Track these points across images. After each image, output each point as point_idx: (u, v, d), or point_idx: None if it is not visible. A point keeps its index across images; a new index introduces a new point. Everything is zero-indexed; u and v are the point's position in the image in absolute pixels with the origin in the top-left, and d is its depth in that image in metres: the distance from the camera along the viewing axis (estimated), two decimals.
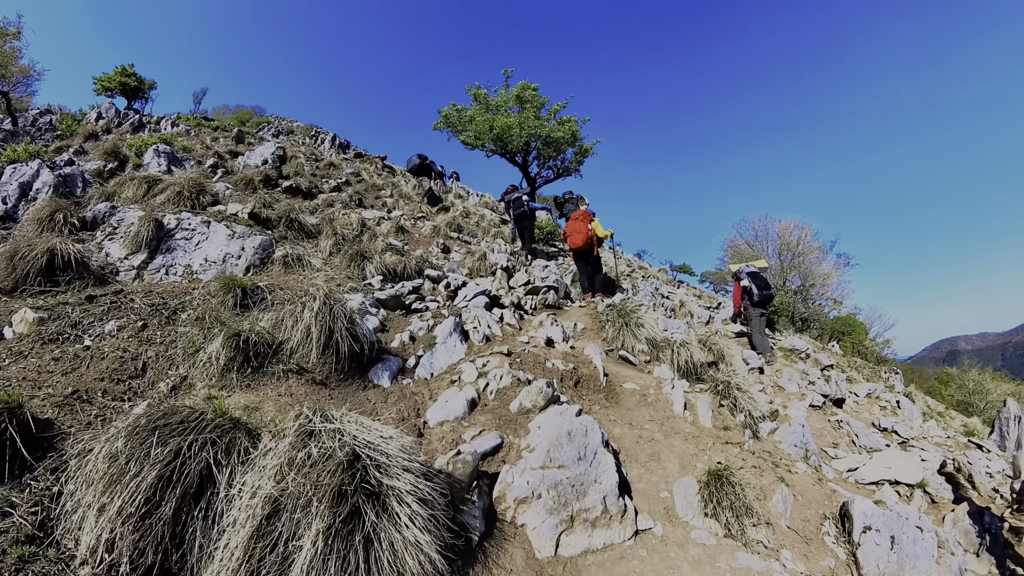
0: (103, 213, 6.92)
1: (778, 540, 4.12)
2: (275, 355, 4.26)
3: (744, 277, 9.86)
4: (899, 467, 5.88)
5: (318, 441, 2.62)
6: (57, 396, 3.37)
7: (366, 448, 2.67)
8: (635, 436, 4.95)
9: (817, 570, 3.95)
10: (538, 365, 5.50)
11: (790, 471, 5.24)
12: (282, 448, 2.60)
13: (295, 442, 2.61)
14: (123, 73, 21.61)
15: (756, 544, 3.94)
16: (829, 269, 23.34)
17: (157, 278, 6.01)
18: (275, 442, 2.68)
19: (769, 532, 4.12)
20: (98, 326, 4.40)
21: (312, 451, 2.56)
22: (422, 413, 4.42)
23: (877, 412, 8.73)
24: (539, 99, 17.73)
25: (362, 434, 2.73)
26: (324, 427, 2.69)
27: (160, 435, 2.51)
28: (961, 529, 5.11)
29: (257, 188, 10.00)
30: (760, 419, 6.07)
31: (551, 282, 9.03)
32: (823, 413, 7.77)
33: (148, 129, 16.56)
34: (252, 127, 24.22)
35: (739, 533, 3.98)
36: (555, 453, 3.88)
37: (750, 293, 9.68)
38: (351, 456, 2.60)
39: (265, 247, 6.85)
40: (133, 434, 2.51)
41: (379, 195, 13.78)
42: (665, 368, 6.65)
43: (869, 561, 4.11)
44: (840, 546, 4.30)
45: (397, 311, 6.31)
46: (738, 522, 4.03)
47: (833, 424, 7.44)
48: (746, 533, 3.99)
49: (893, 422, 8.12)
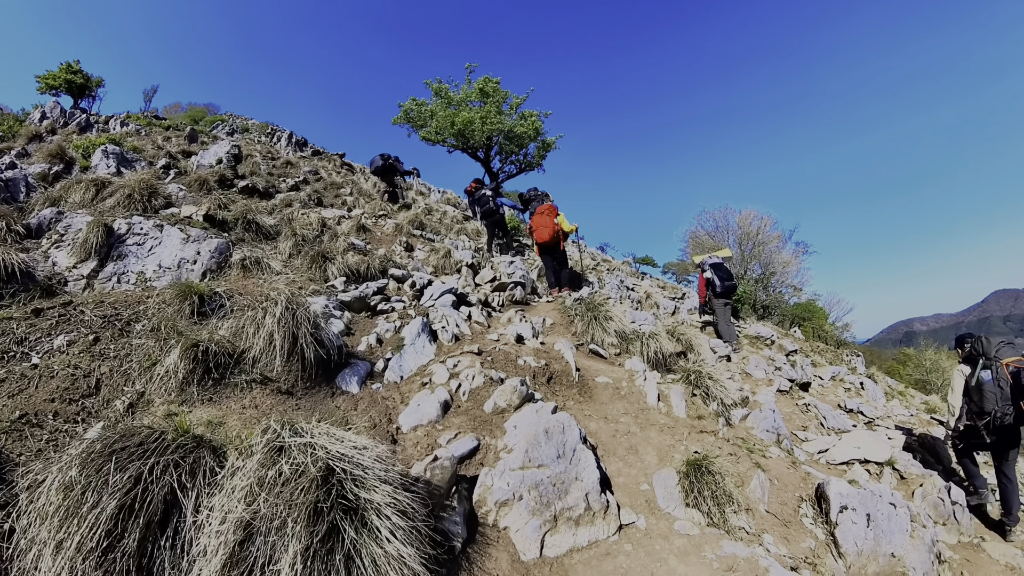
0: (48, 219, 6.59)
1: (759, 525, 4.15)
2: (237, 365, 4.07)
3: (708, 269, 10.04)
4: (868, 446, 6.08)
5: (289, 457, 2.49)
6: (3, 422, 3.17)
7: (340, 461, 2.56)
8: (611, 430, 4.93)
9: (799, 552, 4.00)
10: (510, 363, 5.44)
11: (764, 456, 5.30)
12: (251, 467, 2.47)
13: (264, 459, 2.48)
14: (68, 70, 20.76)
15: (738, 531, 3.97)
16: (788, 257, 23.75)
17: (108, 287, 5.75)
18: (243, 460, 2.55)
19: (750, 518, 4.16)
20: (46, 342, 4.16)
21: (283, 468, 2.43)
22: (394, 418, 4.32)
23: (842, 394, 8.97)
24: (501, 93, 17.62)
25: (335, 446, 2.62)
26: (294, 442, 2.56)
27: (118, 460, 2.36)
28: (930, 502, 5.33)
29: (212, 189, 9.68)
30: (732, 406, 6.17)
31: (518, 278, 8.98)
32: (791, 397, 7.92)
33: (96, 129, 15.95)
34: (205, 126, 23.55)
35: (721, 521, 4.00)
36: (534, 452, 3.83)
37: (713, 285, 9.85)
38: (325, 471, 2.49)
39: (222, 250, 6.61)
40: (88, 461, 2.34)
41: (338, 193, 13.53)
42: (636, 360, 6.67)
43: (847, 539, 4.21)
44: (818, 527, 4.38)
45: (362, 313, 6.16)
46: (719, 510, 4.05)
47: (801, 408, 7.60)
48: (728, 521, 4.01)
49: (858, 403, 8.37)
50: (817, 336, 18.74)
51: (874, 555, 4.20)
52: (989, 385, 5.52)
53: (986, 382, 5.55)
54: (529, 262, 11.86)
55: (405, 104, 18.57)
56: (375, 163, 15.76)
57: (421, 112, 18.27)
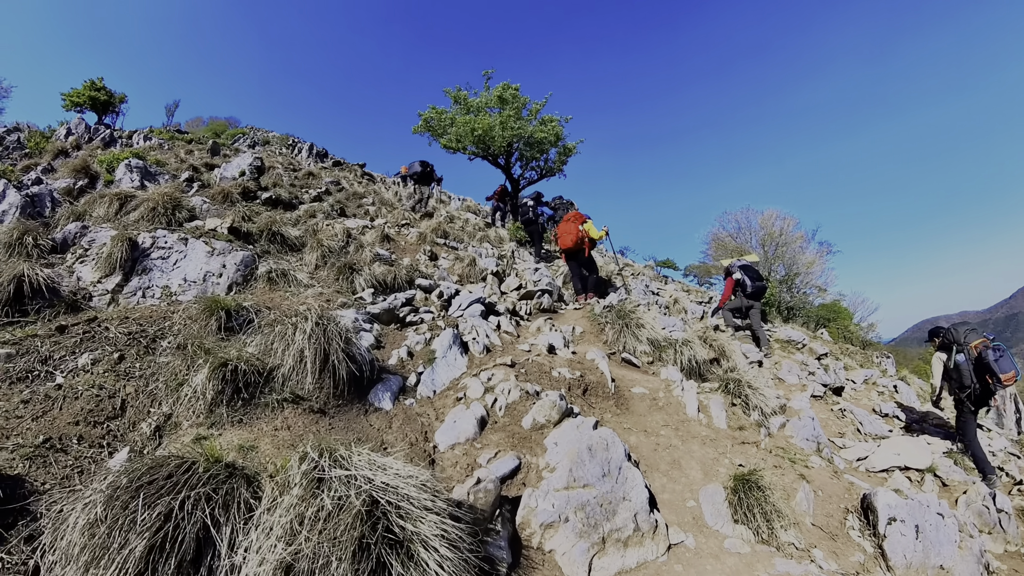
0: (73, 234, 6.53)
1: (807, 540, 4.03)
2: (267, 384, 3.88)
3: (736, 270, 9.96)
4: (908, 453, 5.90)
5: (330, 490, 2.30)
6: (27, 446, 3.01)
7: (384, 492, 2.37)
8: (652, 444, 4.77)
9: (849, 566, 3.90)
10: (544, 375, 5.26)
11: (807, 466, 5.17)
12: (290, 502, 2.27)
13: (304, 494, 2.29)
14: (92, 87, 21.09)
15: (788, 547, 3.85)
16: (812, 257, 23.30)
17: (133, 302, 5.63)
18: (280, 492, 2.36)
19: (798, 532, 4.01)
20: (71, 360, 4.03)
21: (325, 502, 2.24)
22: (430, 436, 4.12)
23: (876, 398, 8.70)
24: (520, 99, 17.44)
25: (378, 476, 2.43)
26: (335, 474, 2.37)
27: (146, 496, 2.17)
28: (975, 510, 5.16)
29: (236, 201, 9.61)
30: (770, 415, 6.00)
31: (544, 285, 8.79)
32: (825, 403, 7.73)
33: (120, 144, 16.08)
34: (227, 139, 23.74)
35: (771, 537, 3.88)
36: (578, 471, 3.66)
37: (743, 285, 9.71)
38: (369, 503, 2.30)
39: (247, 263, 6.48)
40: (113, 498, 2.16)
41: (361, 203, 13.44)
42: (672, 369, 6.46)
43: (896, 552, 4.10)
44: (866, 539, 4.25)
45: (391, 325, 5.98)
46: (768, 526, 3.92)
47: (836, 413, 7.41)
48: (778, 537, 3.88)
49: (893, 407, 8.14)
50: (843, 337, 18.30)
51: (923, 568, 4.09)
52: (964, 365, 6.45)
53: (961, 363, 6.48)
54: (554, 269, 11.69)
55: (425, 113, 18.44)
56: (414, 168, 15.85)
57: (441, 120, 18.11)
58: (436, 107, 18.36)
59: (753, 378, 6.30)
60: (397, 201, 15.12)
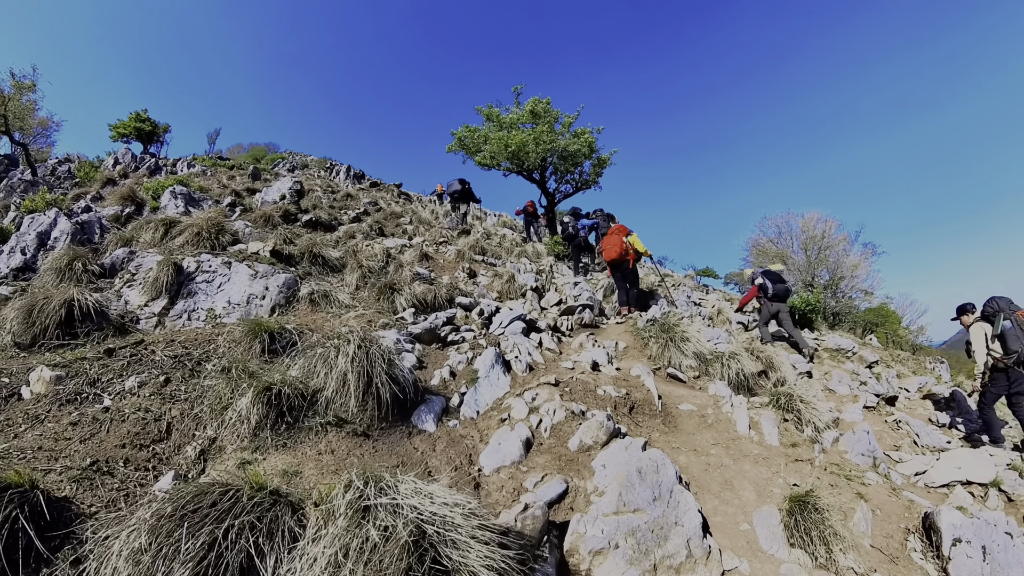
0: (121, 259, 6.68)
1: (867, 563, 3.78)
2: (310, 407, 3.83)
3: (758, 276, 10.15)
4: (969, 466, 5.53)
5: (375, 519, 2.21)
6: (75, 469, 3.01)
7: (431, 523, 2.27)
8: (702, 463, 4.57)
9: None
10: (589, 393, 5.11)
11: (863, 484, 4.91)
12: (335, 532, 2.19)
13: (349, 524, 2.20)
14: (137, 119, 21.95)
15: (847, 572, 3.61)
16: (857, 260, 22.55)
17: (179, 324, 5.71)
18: (325, 521, 2.27)
19: (856, 556, 3.75)
20: (118, 383, 4.07)
21: (371, 533, 2.15)
22: (475, 459, 4.01)
23: (931, 407, 8.24)
24: (552, 113, 17.44)
25: (425, 504, 2.32)
26: (381, 502, 2.27)
27: (190, 525, 2.11)
28: None
29: (277, 224, 9.77)
30: (824, 429, 5.77)
31: (585, 300, 8.65)
32: (878, 414, 7.40)
33: (164, 171, 16.58)
34: (267, 163, 24.32)
35: (829, 562, 3.64)
36: (628, 495, 3.49)
37: (765, 289, 9.83)
38: (416, 534, 2.20)
39: (289, 285, 6.52)
40: (158, 527, 2.11)
41: (398, 223, 13.55)
42: (721, 385, 6.24)
43: None
44: (929, 561, 3.97)
45: (433, 344, 5.92)
46: (826, 550, 3.68)
47: (891, 425, 7.07)
48: (836, 561, 3.64)
49: (951, 416, 7.74)
50: (892, 342, 17.59)
51: None
52: (1011, 331, 6.53)
53: (1008, 329, 6.55)
54: (593, 282, 11.55)
55: (458, 131, 18.58)
56: (453, 187, 16.02)
57: (474, 138, 18.23)
58: (469, 125, 18.50)
59: (804, 391, 6.08)
60: (434, 220, 15.20)
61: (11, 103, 16.34)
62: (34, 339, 4.76)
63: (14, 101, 16.50)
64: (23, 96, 16.96)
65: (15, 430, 3.39)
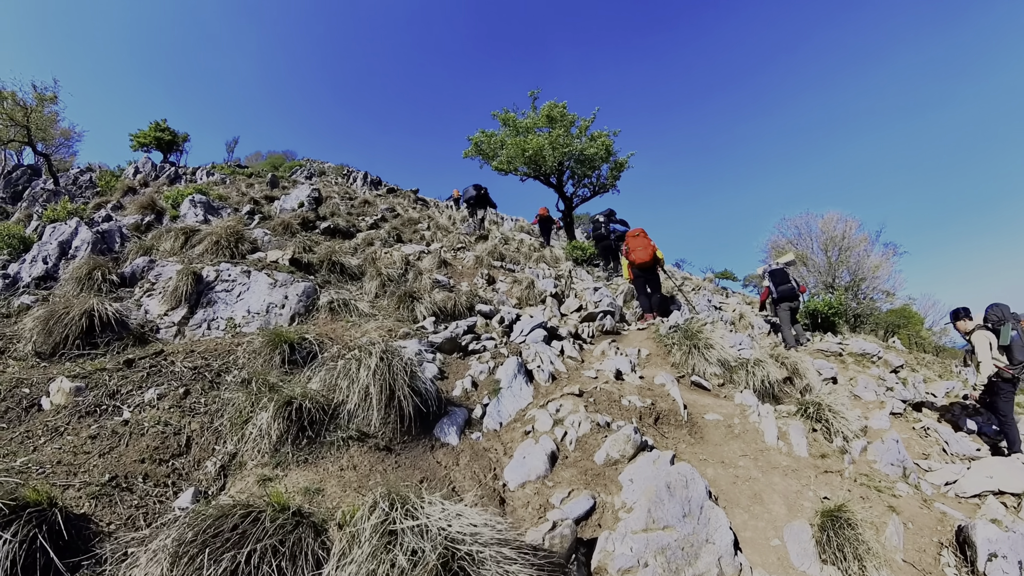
0: (141, 268, 6.68)
1: None
2: (332, 421, 3.73)
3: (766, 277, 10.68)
4: (1001, 475, 5.40)
5: (402, 544, 2.11)
6: (94, 484, 2.95)
7: (459, 544, 2.17)
8: (731, 476, 4.44)
9: None
10: (613, 404, 5.00)
11: (894, 495, 4.77)
12: (360, 557, 2.09)
13: (375, 550, 2.10)
14: (157, 128, 22.25)
15: None
16: (878, 260, 22.11)
17: (199, 334, 5.67)
18: (349, 544, 2.18)
19: (889, 572, 3.66)
20: (137, 395, 4.02)
21: (398, 558, 2.06)
22: (499, 474, 3.90)
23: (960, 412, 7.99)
24: (568, 116, 17.35)
25: (453, 525, 2.23)
26: (407, 525, 2.18)
27: (211, 551, 2.03)
28: None
29: (296, 232, 9.77)
30: (852, 438, 5.63)
31: (606, 306, 8.52)
32: (906, 420, 7.22)
33: (184, 180, 16.71)
34: (285, 171, 24.48)
35: None
36: (657, 512, 3.40)
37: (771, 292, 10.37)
38: (444, 556, 2.10)
39: (309, 294, 6.48)
40: (180, 554, 2.03)
41: (416, 229, 13.52)
42: (747, 394, 6.09)
43: None
44: None
45: (454, 354, 5.82)
46: (859, 566, 3.56)
47: (919, 432, 6.87)
48: None
49: (980, 422, 7.49)
50: (915, 344, 17.21)
51: None
52: (1018, 341, 6.59)
53: (1015, 339, 6.60)
54: (613, 287, 11.42)
55: (475, 137, 18.54)
56: (469, 193, 16.03)
57: (491, 143, 18.17)
58: (485, 130, 18.45)
59: (832, 400, 5.93)
60: (452, 225, 15.17)
61: (33, 115, 16.57)
62: (55, 349, 4.73)
63: (36, 113, 16.73)
64: (45, 107, 17.20)
65: (35, 442, 3.34)
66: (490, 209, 18.93)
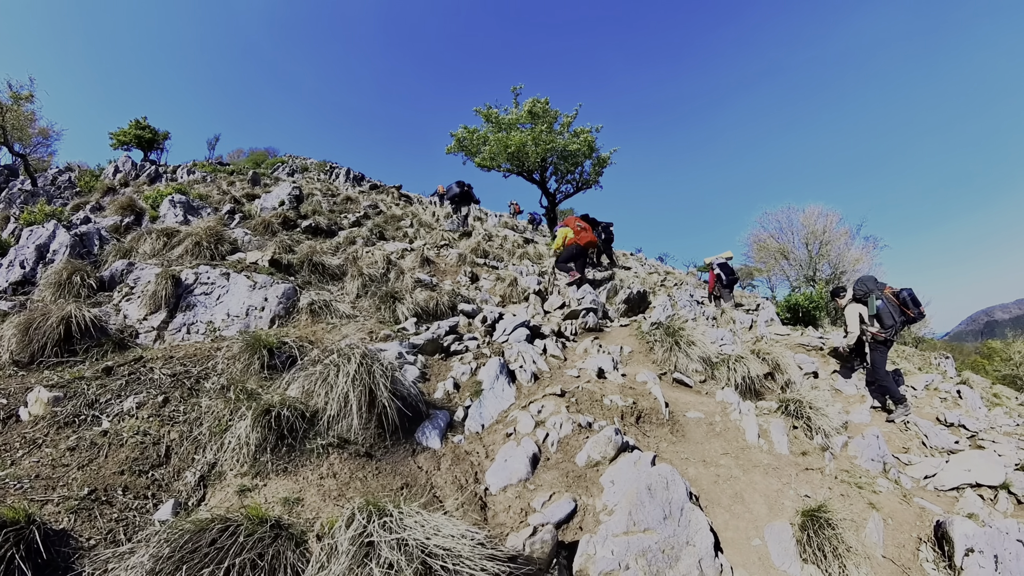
0: (120, 271, 6.61)
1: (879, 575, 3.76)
2: (312, 427, 3.71)
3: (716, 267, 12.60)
4: (979, 468, 5.53)
5: (378, 557, 2.13)
6: (73, 499, 2.94)
7: (437, 558, 2.19)
8: (712, 475, 4.47)
9: None
10: (595, 403, 5.02)
11: (874, 491, 4.84)
12: (337, 570, 2.11)
13: (352, 564, 2.12)
14: (137, 126, 21.97)
15: None
16: (858, 254, 22.53)
17: (178, 338, 5.64)
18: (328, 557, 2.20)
19: (869, 568, 3.72)
20: (116, 404, 4.00)
21: (374, 572, 2.07)
22: (481, 478, 3.92)
23: (939, 405, 8.16)
24: (551, 112, 17.33)
25: (431, 538, 2.25)
26: (384, 538, 2.19)
27: (189, 568, 2.04)
28: None
29: (276, 231, 9.71)
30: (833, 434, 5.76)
31: (588, 304, 8.56)
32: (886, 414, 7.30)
33: (165, 179, 16.53)
34: (267, 168, 24.25)
35: None
36: (638, 514, 3.42)
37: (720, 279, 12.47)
38: (422, 571, 2.12)
39: (289, 295, 6.44)
40: (157, 572, 2.04)
41: (399, 226, 13.46)
42: (729, 391, 6.15)
43: None
44: (941, 572, 3.93)
45: (436, 355, 5.82)
46: (840, 564, 3.63)
47: (899, 425, 6.96)
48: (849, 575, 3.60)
49: (959, 415, 7.60)
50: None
51: None
52: (884, 308, 7.39)
53: (880, 307, 7.40)
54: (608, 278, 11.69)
55: (457, 132, 18.45)
56: (452, 190, 15.99)
57: (473, 139, 18.10)
58: (468, 126, 18.36)
59: (815, 397, 6.03)
60: (435, 222, 15.13)
61: (9, 114, 16.27)
62: (32, 357, 4.69)
63: (12, 112, 16.44)
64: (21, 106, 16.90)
65: (12, 456, 3.33)
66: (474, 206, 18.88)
